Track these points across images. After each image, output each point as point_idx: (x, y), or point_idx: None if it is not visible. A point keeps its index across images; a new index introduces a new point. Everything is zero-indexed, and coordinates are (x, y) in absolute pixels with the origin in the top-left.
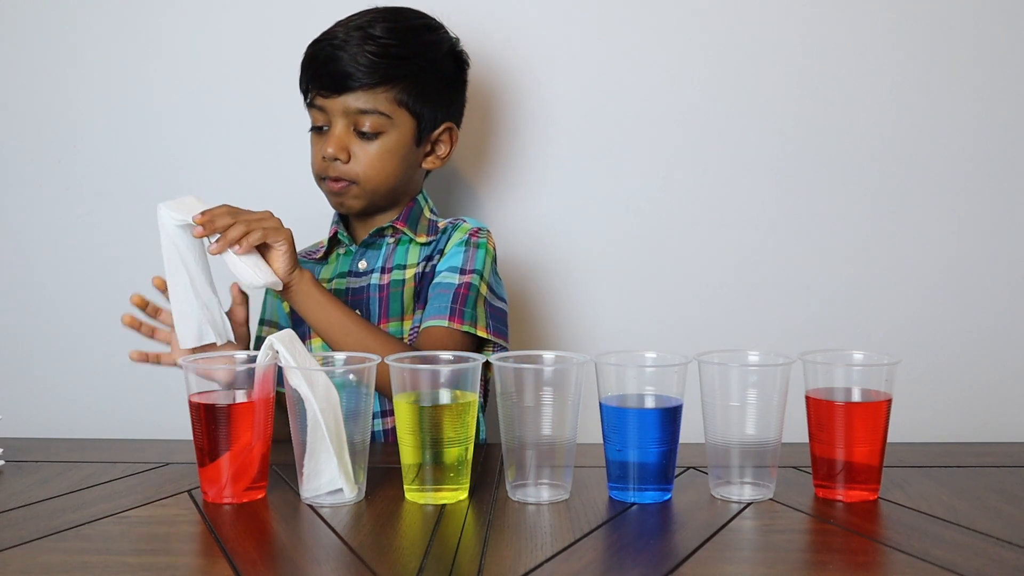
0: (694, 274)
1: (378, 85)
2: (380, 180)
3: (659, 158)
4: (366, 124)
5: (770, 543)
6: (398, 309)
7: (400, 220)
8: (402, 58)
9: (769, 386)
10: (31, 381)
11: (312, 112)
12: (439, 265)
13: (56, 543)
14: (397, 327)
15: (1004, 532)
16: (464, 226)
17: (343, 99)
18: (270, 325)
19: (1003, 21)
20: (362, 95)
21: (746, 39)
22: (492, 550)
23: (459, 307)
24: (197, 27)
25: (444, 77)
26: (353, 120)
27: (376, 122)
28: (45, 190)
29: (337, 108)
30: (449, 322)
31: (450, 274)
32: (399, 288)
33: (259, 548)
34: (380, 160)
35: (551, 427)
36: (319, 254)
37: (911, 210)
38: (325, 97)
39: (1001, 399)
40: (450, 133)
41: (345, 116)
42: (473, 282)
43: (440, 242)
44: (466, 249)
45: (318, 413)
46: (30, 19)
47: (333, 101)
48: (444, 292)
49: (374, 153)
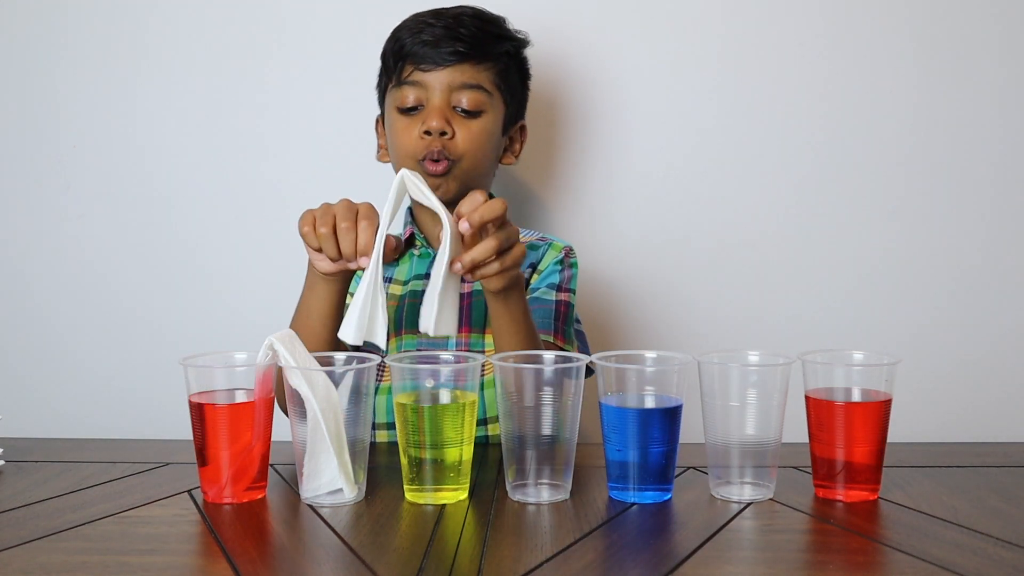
0: (695, 275)
1: (484, 60)
2: (477, 161)
3: (662, 160)
4: (466, 100)
5: (770, 543)
6: (481, 320)
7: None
8: (503, 38)
9: (769, 386)
10: (31, 381)
11: (403, 90)
12: (536, 282)
13: (56, 543)
14: (479, 338)
15: (1004, 532)
16: (557, 244)
17: (448, 72)
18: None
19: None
20: (468, 69)
21: (764, 44)
22: (492, 550)
23: (561, 325)
24: (197, 27)
25: (523, 71)
26: (453, 97)
27: (478, 99)
28: (44, 190)
29: (440, 82)
30: (554, 339)
31: (548, 290)
32: (482, 298)
33: (259, 548)
34: (480, 138)
35: (551, 427)
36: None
37: (912, 211)
38: (427, 70)
39: (1001, 399)
40: (522, 131)
41: (446, 91)
42: (571, 302)
43: (528, 258)
44: (562, 269)
45: (318, 413)
46: (30, 19)
47: (436, 74)
48: (543, 307)
49: (476, 130)
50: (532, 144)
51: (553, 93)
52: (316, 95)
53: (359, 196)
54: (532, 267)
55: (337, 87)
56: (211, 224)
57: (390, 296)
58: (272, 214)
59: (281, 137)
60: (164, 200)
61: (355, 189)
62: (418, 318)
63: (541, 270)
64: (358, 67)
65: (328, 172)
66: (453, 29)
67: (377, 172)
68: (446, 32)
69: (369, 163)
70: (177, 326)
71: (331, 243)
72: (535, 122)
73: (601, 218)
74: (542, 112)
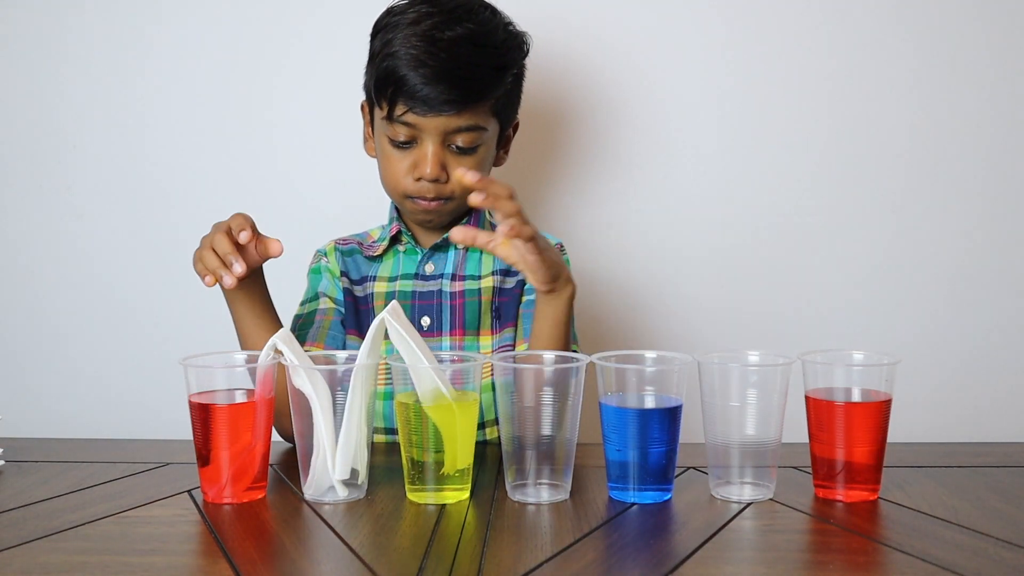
0: (695, 275)
1: (482, 101)
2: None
3: (658, 159)
4: (462, 140)
5: (770, 543)
6: (474, 321)
7: (472, 224)
8: (503, 69)
9: (769, 386)
10: (31, 381)
11: (395, 127)
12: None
13: (56, 543)
14: (473, 341)
15: (1004, 532)
16: (549, 240)
17: (444, 119)
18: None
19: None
20: (465, 112)
21: (764, 43)
22: (492, 550)
23: None
24: (198, 27)
25: (520, 81)
26: (448, 137)
27: (473, 137)
28: (45, 190)
29: (435, 127)
30: None
31: None
32: (474, 298)
33: (259, 548)
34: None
35: (551, 427)
36: (376, 251)
37: (912, 211)
38: (421, 115)
39: (1001, 399)
40: (514, 129)
41: (441, 135)
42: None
43: None
44: None
45: (320, 413)
46: (30, 19)
47: (430, 120)
48: None
49: (470, 167)
50: (530, 143)
51: (550, 91)
52: (316, 95)
53: (358, 195)
54: None
55: (338, 87)
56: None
57: (376, 295)
58: (272, 214)
59: (281, 137)
60: (164, 200)
61: (355, 188)
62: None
63: None
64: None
65: (328, 172)
66: (450, 70)
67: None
68: (443, 72)
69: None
70: (177, 326)
71: (210, 257)
72: (533, 121)
73: (601, 217)
74: (540, 110)
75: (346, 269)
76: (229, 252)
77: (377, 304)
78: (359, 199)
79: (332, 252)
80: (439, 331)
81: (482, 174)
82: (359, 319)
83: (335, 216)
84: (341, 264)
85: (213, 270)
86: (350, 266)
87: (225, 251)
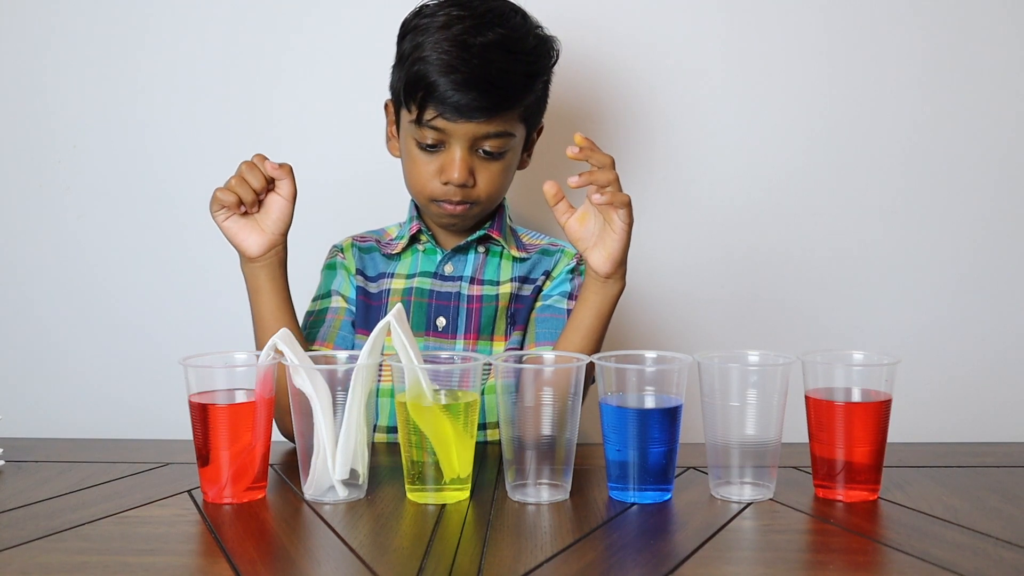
0: (695, 275)
1: (510, 109)
2: (498, 196)
3: (657, 161)
4: (490, 145)
5: (770, 543)
6: (489, 326)
7: (495, 228)
8: (534, 76)
9: (769, 386)
10: (31, 381)
11: (423, 130)
12: (548, 289)
13: (56, 543)
14: (486, 345)
15: (1004, 532)
16: (569, 251)
17: (473, 125)
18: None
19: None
20: (495, 119)
21: (764, 43)
22: (492, 550)
23: None
24: (198, 28)
25: (548, 81)
26: (477, 142)
27: (501, 143)
28: (45, 191)
29: (463, 132)
30: None
31: (561, 299)
32: (492, 303)
33: (259, 548)
34: (501, 177)
35: (551, 427)
36: (395, 248)
37: (912, 211)
38: (451, 121)
39: (1001, 399)
40: (539, 132)
41: (470, 141)
42: None
43: (542, 264)
44: (573, 277)
45: (320, 413)
46: (30, 19)
47: (459, 126)
48: (556, 316)
49: (497, 172)
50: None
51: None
52: (317, 96)
53: (362, 195)
54: (546, 274)
55: (338, 88)
56: (211, 224)
57: (392, 292)
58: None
59: (282, 137)
60: (164, 200)
61: (355, 189)
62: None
63: (554, 276)
64: (358, 68)
65: (328, 172)
66: (482, 77)
67: (374, 177)
68: (474, 79)
69: (369, 166)
70: (177, 326)
71: (243, 186)
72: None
73: None
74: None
75: (363, 266)
76: (262, 181)
77: (392, 299)
78: (361, 199)
79: (349, 248)
80: (453, 333)
81: (509, 177)
82: (369, 316)
83: (335, 216)
84: (358, 260)
85: (245, 196)
86: (367, 263)
87: (261, 183)
